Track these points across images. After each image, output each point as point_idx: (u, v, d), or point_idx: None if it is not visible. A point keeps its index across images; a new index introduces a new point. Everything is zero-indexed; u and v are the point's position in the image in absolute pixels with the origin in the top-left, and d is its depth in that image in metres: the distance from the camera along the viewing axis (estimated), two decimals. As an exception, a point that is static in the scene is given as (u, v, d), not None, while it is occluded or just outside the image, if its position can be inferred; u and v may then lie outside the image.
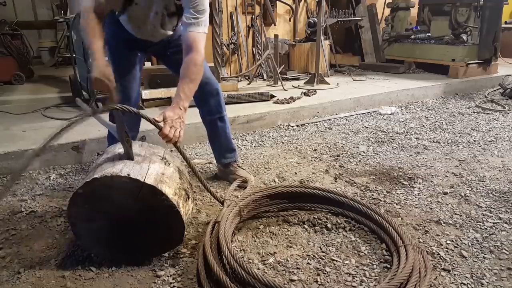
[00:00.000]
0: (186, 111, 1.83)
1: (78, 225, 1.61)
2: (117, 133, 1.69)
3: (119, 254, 1.66)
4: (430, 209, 2.14)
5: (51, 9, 8.11)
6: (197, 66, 1.88)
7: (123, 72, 2.22)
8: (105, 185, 1.54)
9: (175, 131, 1.74)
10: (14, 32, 5.71)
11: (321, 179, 2.56)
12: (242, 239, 1.86)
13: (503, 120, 3.91)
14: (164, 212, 1.59)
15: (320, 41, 5.15)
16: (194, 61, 1.87)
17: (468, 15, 5.84)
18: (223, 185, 2.50)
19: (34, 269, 1.65)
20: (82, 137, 2.88)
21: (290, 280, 1.57)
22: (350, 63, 6.71)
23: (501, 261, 1.68)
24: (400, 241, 1.65)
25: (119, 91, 2.23)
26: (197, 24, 1.88)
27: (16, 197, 2.33)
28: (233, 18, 5.57)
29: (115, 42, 2.20)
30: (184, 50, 1.91)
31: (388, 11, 6.72)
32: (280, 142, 3.32)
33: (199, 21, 1.88)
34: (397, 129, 3.66)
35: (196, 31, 1.89)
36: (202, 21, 1.90)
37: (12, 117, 3.62)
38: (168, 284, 1.56)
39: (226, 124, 2.44)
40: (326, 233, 1.90)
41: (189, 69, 1.87)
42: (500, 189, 2.36)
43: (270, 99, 4.17)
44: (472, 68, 5.65)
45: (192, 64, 1.87)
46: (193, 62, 1.87)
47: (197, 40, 1.89)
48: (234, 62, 5.75)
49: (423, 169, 2.69)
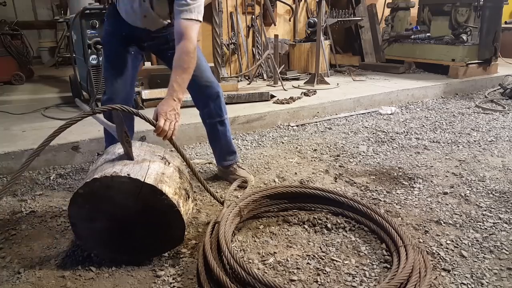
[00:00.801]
0: (180, 102, 1.79)
1: (78, 225, 1.61)
2: (117, 133, 1.69)
3: (120, 254, 1.66)
4: (430, 209, 2.14)
5: (51, 9, 8.12)
6: (189, 54, 1.82)
7: (115, 70, 2.20)
8: (105, 185, 1.54)
9: (170, 123, 1.70)
10: (14, 32, 5.71)
11: (321, 179, 2.56)
12: (242, 239, 1.86)
13: (503, 120, 3.91)
14: (165, 212, 1.59)
15: (320, 41, 5.15)
16: (185, 49, 1.81)
17: (468, 15, 5.84)
18: (223, 185, 2.50)
19: (34, 269, 1.65)
20: (82, 137, 2.88)
21: (290, 280, 1.57)
22: (350, 63, 6.72)
23: (501, 261, 1.68)
24: (400, 241, 1.65)
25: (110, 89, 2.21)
26: (189, 10, 1.82)
27: (16, 197, 2.33)
28: (233, 18, 5.57)
29: (112, 39, 2.19)
30: (176, 38, 1.85)
31: (388, 11, 6.72)
32: (280, 142, 3.32)
33: (191, 7, 1.82)
34: (397, 129, 3.66)
35: (188, 18, 1.82)
36: (195, 7, 1.83)
37: (12, 117, 3.62)
38: (168, 284, 1.56)
39: (226, 127, 2.41)
40: (326, 233, 1.90)
41: (181, 59, 1.81)
42: (500, 189, 2.36)
43: (270, 99, 4.17)
44: (472, 68, 5.65)
45: (183, 53, 1.81)
46: (185, 51, 1.81)
47: (188, 27, 1.83)
48: (234, 62, 5.75)
49: (423, 169, 2.69)
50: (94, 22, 3.56)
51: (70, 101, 4.13)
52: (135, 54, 2.24)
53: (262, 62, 5.41)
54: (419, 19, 6.63)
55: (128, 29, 2.14)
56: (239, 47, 5.64)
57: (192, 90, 2.25)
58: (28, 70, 5.98)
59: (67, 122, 1.63)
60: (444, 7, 5.92)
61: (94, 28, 3.59)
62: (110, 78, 2.24)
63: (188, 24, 1.83)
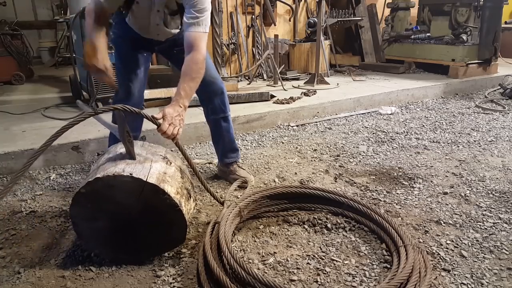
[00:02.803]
0: (186, 109, 1.84)
1: (80, 224, 1.61)
2: (119, 132, 1.70)
3: (122, 254, 1.67)
4: (430, 209, 2.14)
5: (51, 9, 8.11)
6: (198, 64, 1.89)
7: (127, 72, 2.24)
8: (108, 185, 1.54)
9: (174, 128, 1.74)
10: (14, 32, 5.71)
11: (321, 179, 2.56)
12: (242, 239, 1.86)
13: (503, 120, 3.91)
14: (167, 211, 1.60)
15: (320, 41, 5.15)
16: (195, 60, 1.88)
17: (468, 15, 5.84)
18: (223, 185, 2.50)
19: (34, 269, 1.65)
20: (82, 137, 2.88)
21: (290, 280, 1.57)
22: (350, 63, 6.72)
23: (501, 261, 1.68)
24: (400, 241, 1.65)
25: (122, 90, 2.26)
26: (197, 24, 1.89)
27: (16, 197, 2.33)
28: (233, 18, 5.57)
29: (123, 42, 2.22)
30: (186, 49, 1.92)
31: (388, 11, 6.72)
32: (280, 142, 3.32)
33: (199, 20, 1.88)
34: (397, 129, 3.66)
35: (197, 31, 1.89)
36: (202, 20, 1.89)
37: (12, 117, 3.62)
38: (168, 284, 1.56)
39: (229, 124, 2.45)
40: (326, 233, 1.90)
41: (190, 68, 1.88)
42: (500, 189, 2.36)
43: (270, 99, 4.17)
44: (472, 68, 5.65)
45: (193, 63, 1.88)
46: (194, 61, 1.88)
47: (197, 39, 1.90)
48: (234, 62, 5.75)
49: (423, 169, 2.69)
50: (94, 22, 3.56)
51: (70, 101, 4.14)
52: (147, 56, 2.31)
53: (262, 62, 5.41)
54: (419, 19, 6.63)
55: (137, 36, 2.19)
56: (239, 47, 5.65)
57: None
58: (28, 70, 5.98)
59: (70, 123, 1.63)
60: (444, 7, 5.92)
61: (94, 28, 3.58)
62: (123, 80, 2.28)
63: (196, 36, 1.90)
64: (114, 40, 2.29)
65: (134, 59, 2.24)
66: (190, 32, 1.90)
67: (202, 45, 1.91)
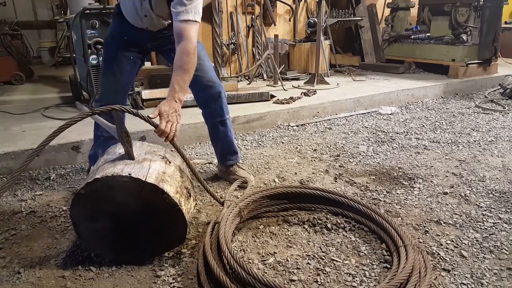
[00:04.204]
0: (181, 103, 1.81)
1: (80, 225, 1.61)
2: (117, 133, 1.70)
3: (122, 254, 1.67)
4: (430, 209, 2.14)
5: (51, 9, 8.12)
6: (189, 55, 1.82)
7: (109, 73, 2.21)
8: (107, 185, 1.54)
9: (172, 125, 1.72)
10: (14, 32, 5.72)
11: (321, 179, 2.56)
12: (242, 239, 1.86)
13: (503, 120, 3.91)
14: (166, 211, 1.60)
15: (320, 41, 5.15)
16: (185, 50, 1.82)
17: (468, 15, 5.84)
18: (223, 185, 2.50)
19: (34, 269, 1.65)
20: (82, 137, 2.88)
21: (290, 280, 1.57)
22: (350, 63, 6.72)
23: (501, 261, 1.68)
24: (400, 241, 1.65)
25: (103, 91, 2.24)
26: (186, 11, 1.81)
27: (16, 197, 2.33)
28: (233, 18, 5.57)
29: (113, 41, 2.20)
30: (176, 39, 1.85)
31: (388, 11, 6.72)
32: (280, 142, 3.32)
33: (187, 8, 1.81)
34: (397, 129, 3.66)
35: (186, 19, 1.82)
36: (191, 8, 1.82)
37: (12, 117, 3.62)
38: (168, 284, 1.56)
39: (228, 127, 2.41)
40: (326, 233, 1.90)
41: (181, 60, 1.82)
42: (500, 189, 2.36)
43: (270, 99, 4.17)
44: (472, 68, 5.65)
45: (183, 54, 1.82)
46: (185, 52, 1.82)
47: (187, 28, 1.82)
48: (234, 62, 5.75)
49: (423, 169, 2.69)
50: (94, 22, 3.57)
51: (70, 101, 4.14)
52: (134, 59, 2.22)
53: (262, 62, 5.41)
54: (419, 19, 6.63)
55: (131, 32, 2.15)
56: (239, 47, 5.64)
57: (194, 90, 2.26)
58: (28, 70, 5.98)
59: (67, 122, 1.63)
60: (444, 7, 5.92)
61: (94, 28, 3.59)
62: (104, 81, 2.27)
63: (186, 25, 1.83)
64: (106, 38, 2.27)
65: (118, 61, 2.18)
66: (179, 21, 1.82)
67: (192, 34, 1.83)
